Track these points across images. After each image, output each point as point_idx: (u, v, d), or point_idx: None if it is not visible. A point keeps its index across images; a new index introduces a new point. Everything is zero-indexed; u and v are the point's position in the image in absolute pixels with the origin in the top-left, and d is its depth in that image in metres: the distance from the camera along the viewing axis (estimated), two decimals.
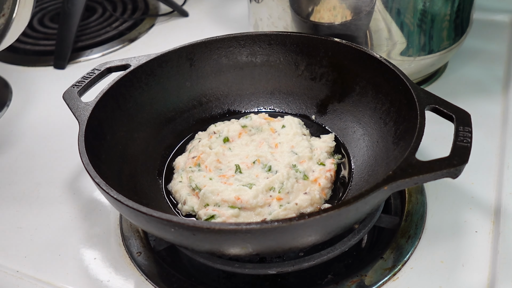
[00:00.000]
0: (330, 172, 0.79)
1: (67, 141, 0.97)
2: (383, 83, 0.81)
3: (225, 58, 0.93)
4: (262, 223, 0.56)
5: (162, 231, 0.61)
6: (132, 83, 0.85)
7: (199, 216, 0.75)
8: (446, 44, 0.99)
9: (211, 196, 0.75)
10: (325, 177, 0.78)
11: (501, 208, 0.78)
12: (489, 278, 0.69)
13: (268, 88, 0.95)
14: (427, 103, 0.70)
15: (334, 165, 0.81)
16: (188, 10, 1.44)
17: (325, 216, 0.57)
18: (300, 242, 0.62)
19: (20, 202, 0.88)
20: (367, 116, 0.84)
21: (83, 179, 0.91)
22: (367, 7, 0.91)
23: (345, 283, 0.69)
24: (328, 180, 0.79)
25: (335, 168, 0.81)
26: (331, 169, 0.80)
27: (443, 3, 0.92)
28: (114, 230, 0.81)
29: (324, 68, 0.89)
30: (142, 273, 0.73)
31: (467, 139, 0.64)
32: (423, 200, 0.80)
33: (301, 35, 0.90)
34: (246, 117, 0.90)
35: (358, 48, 0.84)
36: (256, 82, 0.95)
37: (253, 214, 0.74)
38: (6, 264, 0.77)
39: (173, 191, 0.81)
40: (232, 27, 1.34)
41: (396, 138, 0.76)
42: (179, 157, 0.86)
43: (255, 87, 0.95)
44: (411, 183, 0.60)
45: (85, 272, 0.75)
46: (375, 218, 0.74)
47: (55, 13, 1.48)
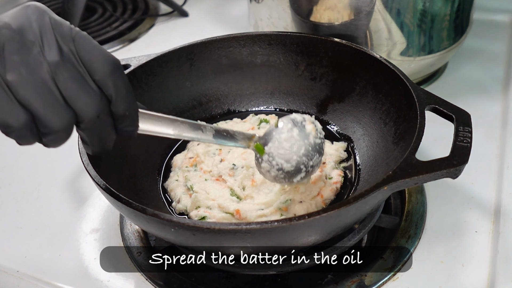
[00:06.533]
0: (336, 185, 0.78)
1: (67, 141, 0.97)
2: (383, 83, 0.81)
3: (225, 58, 0.93)
4: (262, 223, 0.56)
5: (162, 231, 0.61)
6: (132, 83, 0.83)
7: (191, 217, 0.75)
8: (446, 44, 0.99)
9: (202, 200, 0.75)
10: (331, 189, 0.77)
11: (501, 208, 0.78)
12: (489, 278, 0.69)
13: (268, 88, 0.95)
14: (427, 103, 0.70)
15: (341, 177, 0.80)
16: (188, 10, 1.44)
17: (325, 216, 0.57)
18: (300, 242, 0.62)
19: (20, 202, 0.88)
20: (367, 116, 0.84)
21: (83, 179, 0.91)
22: (367, 7, 0.91)
23: (345, 283, 0.69)
24: (333, 192, 0.77)
25: (341, 181, 0.79)
26: (338, 182, 0.79)
27: (443, 3, 0.92)
28: (114, 230, 0.81)
29: (324, 68, 0.89)
30: (142, 273, 0.73)
31: (467, 139, 0.64)
32: (423, 200, 0.80)
33: (301, 35, 0.90)
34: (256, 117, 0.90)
35: (358, 48, 0.84)
36: (256, 82, 0.95)
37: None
38: (6, 264, 0.77)
39: (168, 189, 0.81)
40: (232, 27, 1.33)
41: (396, 138, 0.76)
42: (177, 155, 0.86)
43: (255, 87, 0.95)
44: (411, 183, 0.60)
45: (85, 272, 0.74)
46: (375, 218, 0.74)
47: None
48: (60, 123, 0.49)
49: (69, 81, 0.49)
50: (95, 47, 0.51)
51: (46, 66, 0.48)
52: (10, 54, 0.47)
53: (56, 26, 0.50)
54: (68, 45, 0.49)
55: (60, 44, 0.49)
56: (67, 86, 0.49)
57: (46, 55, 0.48)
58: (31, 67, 0.47)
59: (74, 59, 0.49)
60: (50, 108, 0.48)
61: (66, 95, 0.49)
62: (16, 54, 0.47)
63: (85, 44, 0.51)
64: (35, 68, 0.47)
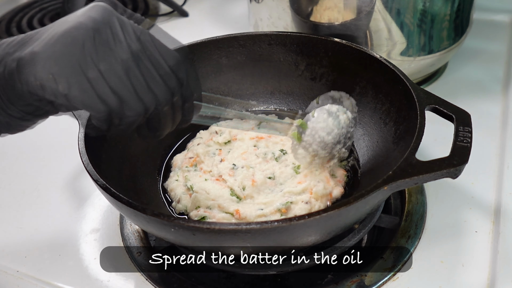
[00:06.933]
0: (341, 183, 0.78)
1: (67, 141, 0.97)
2: (383, 83, 0.81)
3: (225, 58, 0.93)
4: (262, 223, 0.56)
5: (162, 231, 0.61)
6: None
7: (191, 217, 0.75)
8: (446, 44, 0.99)
9: (202, 200, 0.75)
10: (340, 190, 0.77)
11: (501, 208, 0.78)
12: (489, 278, 0.69)
13: (268, 88, 0.95)
14: (427, 103, 0.70)
15: (345, 175, 0.80)
16: (188, 10, 1.44)
17: (325, 216, 0.57)
18: (300, 242, 0.62)
19: (20, 202, 0.88)
20: (367, 116, 0.84)
21: (83, 179, 0.91)
22: (367, 7, 0.91)
23: (345, 283, 0.69)
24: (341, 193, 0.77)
25: (345, 179, 0.80)
26: (342, 181, 0.79)
27: (443, 3, 0.92)
28: (114, 230, 0.81)
29: (324, 68, 0.89)
30: (142, 273, 0.73)
31: (467, 139, 0.64)
32: (423, 200, 0.80)
33: (301, 35, 0.90)
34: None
35: (358, 48, 0.84)
36: (256, 82, 0.95)
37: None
38: (6, 264, 0.77)
39: (168, 189, 0.81)
40: (232, 27, 1.33)
41: (396, 138, 0.76)
42: (177, 155, 0.86)
43: (255, 87, 0.95)
44: (411, 183, 0.60)
45: (85, 272, 0.75)
46: (375, 218, 0.74)
47: (55, 13, 1.48)
48: (144, 106, 0.54)
49: (149, 67, 0.54)
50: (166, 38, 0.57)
51: (130, 55, 0.53)
52: (100, 45, 0.51)
53: (123, 25, 0.54)
54: (144, 36, 0.54)
55: (139, 35, 0.54)
56: (149, 72, 0.54)
57: (127, 45, 0.53)
58: (118, 57, 0.52)
59: (151, 47, 0.55)
60: (136, 93, 0.53)
61: (149, 80, 0.54)
62: (105, 45, 0.51)
63: (158, 34, 0.56)
64: (122, 57, 0.52)
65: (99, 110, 0.52)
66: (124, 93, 0.52)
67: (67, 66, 0.50)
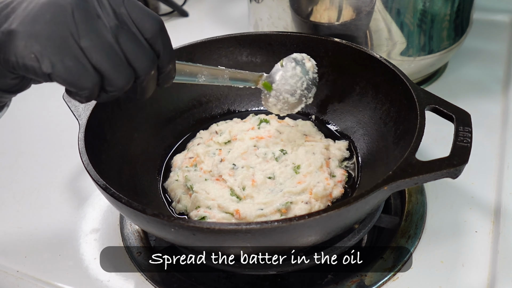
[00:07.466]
0: (341, 183, 0.79)
1: (67, 141, 0.97)
2: (383, 83, 0.81)
3: (225, 58, 0.93)
4: (262, 223, 0.56)
5: (162, 231, 0.61)
6: None
7: (191, 217, 0.75)
8: (446, 44, 0.99)
9: (202, 200, 0.75)
10: (340, 190, 0.78)
11: (501, 208, 0.78)
12: (489, 278, 0.69)
13: None
14: (427, 103, 0.70)
15: (345, 176, 0.80)
16: (188, 10, 1.44)
17: (325, 216, 0.57)
18: (300, 242, 0.62)
19: (20, 202, 0.88)
20: (367, 116, 0.84)
21: (83, 179, 0.91)
22: (367, 7, 0.91)
23: (345, 283, 0.69)
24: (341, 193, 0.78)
25: (345, 179, 0.80)
26: (342, 180, 0.79)
27: (443, 3, 0.92)
28: (114, 230, 0.81)
29: (324, 68, 0.89)
30: (142, 273, 0.73)
31: (467, 139, 0.64)
32: (423, 200, 0.80)
33: (301, 35, 0.90)
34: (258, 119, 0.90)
35: (358, 48, 0.84)
36: None
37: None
38: (6, 264, 0.77)
39: (169, 189, 0.81)
40: (232, 27, 1.33)
41: (396, 138, 0.76)
42: (178, 155, 0.86)
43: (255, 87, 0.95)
44: (411, 183, 0.60)
45: (85, 272, 0.74)
46: (375, 218, 0.74)
47: None
48: (125, 80, 0.54)
49: (128, 42, 0.53)
50: (142, 9, 0.55)
51: (109, 31, 0.52)
52: (79, 22, 0.51)
53: None
54: (119, 9, 0.54)
55: (115, 9, 0.53)
56: (128, 47, 0.53)
57: (106, 20, 0.52)
58: (99, 33, 0.51)
59: (128, 21, 0.54)
60: (117, 68, 0.53)
61: (128, 55, 0.53)
62: (85, 22, 0.51)
63: (133, 6, 0.55)
64: (102, 33, 0.52)
65: (82, 87, 0.51)
66: (106, 68, 0.52)
67: (49, 45, 0.49)
